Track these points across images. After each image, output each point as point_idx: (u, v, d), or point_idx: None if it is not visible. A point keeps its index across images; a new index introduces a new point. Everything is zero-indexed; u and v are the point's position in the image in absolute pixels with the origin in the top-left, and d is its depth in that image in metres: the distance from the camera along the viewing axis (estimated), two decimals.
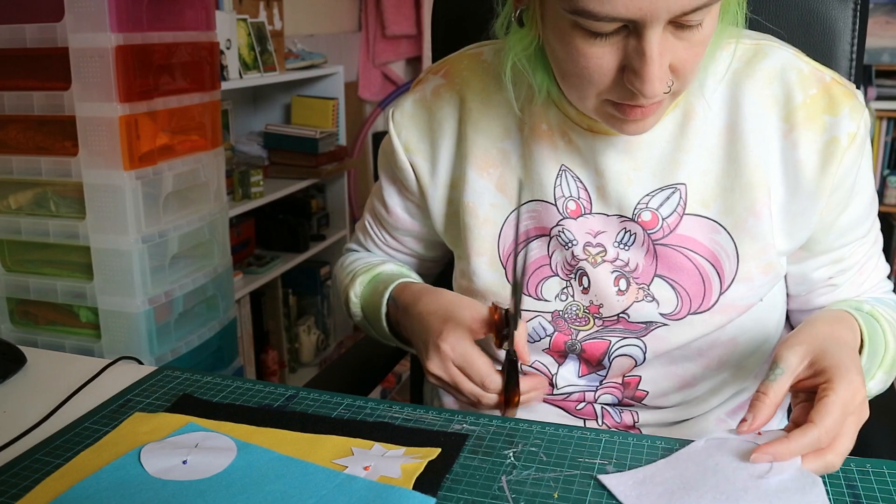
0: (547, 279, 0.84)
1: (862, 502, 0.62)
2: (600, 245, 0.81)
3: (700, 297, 0.79)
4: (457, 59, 0.90)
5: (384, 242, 1.01)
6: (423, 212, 0.94)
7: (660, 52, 0.64)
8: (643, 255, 0.80)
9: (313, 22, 3.00)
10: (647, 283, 0.80)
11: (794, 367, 0.66)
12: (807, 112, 0.76)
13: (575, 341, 0.84)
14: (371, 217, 1.02)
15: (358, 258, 1.03)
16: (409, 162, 0.90)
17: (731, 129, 0.77)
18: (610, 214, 0.80)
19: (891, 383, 0.82)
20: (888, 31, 3.03)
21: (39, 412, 0.78)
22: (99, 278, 1.43)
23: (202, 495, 0.63)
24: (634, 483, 0.64)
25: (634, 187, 0.79)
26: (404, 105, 0.91)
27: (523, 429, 0.73)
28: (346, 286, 0.97)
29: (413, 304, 0.84)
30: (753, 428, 0.65)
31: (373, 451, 0.69)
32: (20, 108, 1.40)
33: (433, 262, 1.04)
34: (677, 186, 0.78)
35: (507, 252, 0.85)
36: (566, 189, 0.81)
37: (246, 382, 0.83)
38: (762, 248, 0.78)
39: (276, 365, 2.57)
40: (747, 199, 0.77)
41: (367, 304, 0.95)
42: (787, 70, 0.77)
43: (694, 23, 0.64)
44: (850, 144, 0.75)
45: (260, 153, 2.58)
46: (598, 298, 0.82)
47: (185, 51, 1.48)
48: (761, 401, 0.65)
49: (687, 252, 0.79)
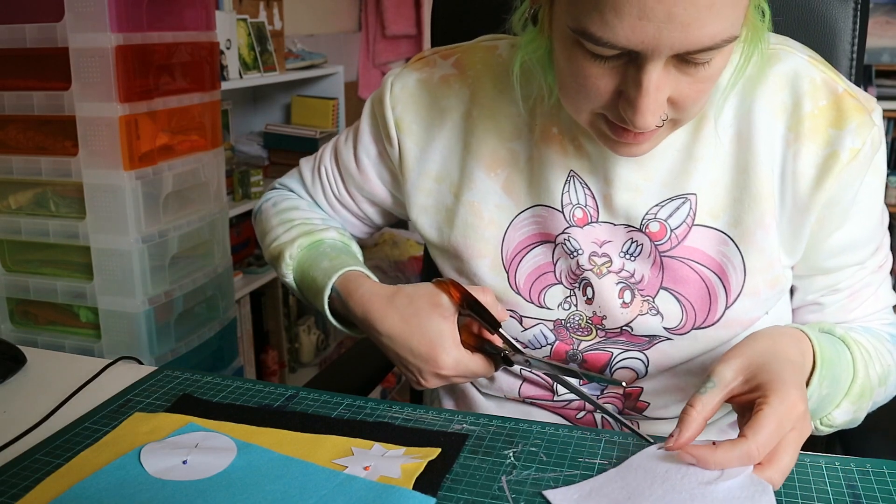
0: (550, 287, 0.82)
1: (862, 502, 0.62)
2: (606, 255, 0.79)
3: (705, 311, 0.78)
4: (471, 49, 0.87)
5: (337, 197, 0.97)
6: (396, 183, 0.91)
7: (657, 87, 0.62)
8: (649, 267, 0.78)
9: (313, 22, 3.00)
10: (653, 295, 0.78)
11: (726, 382, 0.64)
12: (812, 123, 0.73)
13: (576, 351, 0.83)
14: (332, 165, 0.96)
15: (296, 208, 0.96)
16: (398, 139, 0.87)
17: (741, 137, 0.75)
18: (617, 224, 0.79)
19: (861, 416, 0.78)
20: (888, 31, 3.04)
21: (39, 412, 0.78)
22: (99, 278, 1.43)
23: (202, 495, 0.63)
24: (580, 496, 0.62)
25: (643, 197, 0.77)
26: (407, 80, 0.87)
27: (523, 429, 0.73)
28: (280, 243, 0.91)
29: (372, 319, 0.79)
30: (680, 444, 0.62)
31: (373, 451, 0.69)
32: (20, 108, 1.40)
33: (375, 229, 1.01)
34: (687, 197, 0.76)
35: (511, 256, 0.83)
36: (574, 196, 0.79)
37: (246, 382, 0.83)
38: (769, 262, 0.76)
39: (276, 365, 2.57)
40: (756, 211, 0.75)
41: (302, 275, 0.89)
42: (799, 77, 0.74)
43: (701, 61, 0.62)
44: (850, 160, 0.72)
45: (260, 153, 2.58)
46: (602, 310, 0.80)
47: (185, 51, 1.48)
48: (689, 414, 0.63)
49: (694, 264, 0.77)
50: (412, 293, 0.78)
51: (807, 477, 0.65)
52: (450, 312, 0.76)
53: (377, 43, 3.34)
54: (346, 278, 0.84)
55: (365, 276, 0.84)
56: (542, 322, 0.83)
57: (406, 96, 0.87)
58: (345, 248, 0.92)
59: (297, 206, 0.97)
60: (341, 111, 2.74)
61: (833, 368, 0.72)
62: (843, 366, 0.73)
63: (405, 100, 0.87)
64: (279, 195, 1.00)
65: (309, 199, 1.00)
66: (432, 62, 0.87)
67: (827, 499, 0.62)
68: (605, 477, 0.65)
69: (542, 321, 0.83)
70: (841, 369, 0.73)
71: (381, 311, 0.78)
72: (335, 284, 0.84)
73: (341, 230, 0.95)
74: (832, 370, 0.71)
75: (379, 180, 0.93)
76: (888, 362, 0.79)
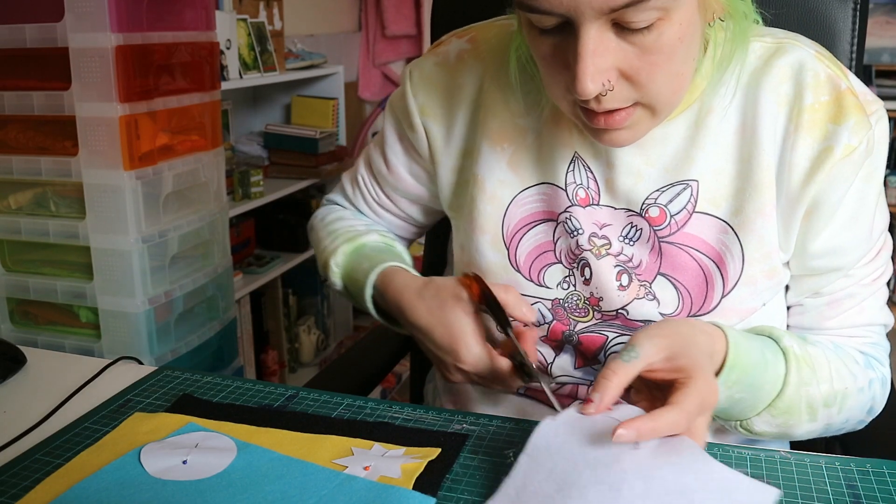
0: (550, 266, 0.82)
1: (862, 502, 0.62)
2: (605, 237, 0.80)
3: (701, 298, 0.78)
4: (485, 27, 0.87)
5: (376, 201, 0.98)
6: (430, 176, 0.91)
7: (594, 51, 0.62)
8: (647, 252, 0.79)
9: (313, 22, 3.00)
10: (650, 280, 0.79)
11: (649, 356, 0.64)
12: (812, 116, 0.74)
13: (572, 332, 0.83)
14: (367, 171, 0.98)
15: (340, 219, 0.98)
16: (423, 126, 0.88)
17: (745, 128, 0.76)
18: (618, 208, 0.79)
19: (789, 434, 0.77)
20: (888, 31, 3.04)
21: (39, 412, 0.78)
22: (99, 278, 1.43)
23: (202, 495, 0.63)
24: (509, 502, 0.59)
25: (644, 182, 0.78)
26: (424, 66, 0.88)
27: (523, 429, 0.73)
28: (327, 253, 0.94)
29: (403, 310, 0.81)
30: (601, 408, 0.62)
31: (373, 451, 0.69)
32: (20, 108, 1.39)
33: (421, 228, 1.02)
34: (689, 183, 0.77)
35: (512, 233, 0.83)
36: (577, 176, 0.80)
37: (246, 382, 0.83)
38: (767, 253, 0.76)
39: (276, 365, 2.57)
40: (757, 201, 0.75)
41: (348, 279, 0.92)
42: (803, 70, 0.75)
43: (637, 24, 0.62)
44: (843, 157, 0.72)
45: (260, 153, 2.58)
46: (599, 291, 0.81)
47: (185, 51, 1.48)
48: (609, 379, 0.62)
49: (692, 251, 0.78)
50: (440, 285, 0.80)
51: (807, 477, 0.65)
52: (470, 307, 0.77)
53: (377, 43, 3.34)
54: (384, 274, 0.86)
55: (402, 269, 0.86)
56: (540, 301, 0.83)
57: (426, 82, 0.88)
58: (387, 248, 0.93)
59: (341, 217, 0.99)
60: (341, 111, 2.74)
61: (751, 375, 0.71)
62: (768, 377, 0.73)
63: (425, 85, 0.88)
64: (326, 210, 1.03)
65: (353, 209, 1.02)
66: (447, 42, 0.89)
67: (827, 499, 0.62)
68: (523, 471, 0.61)
69: (541, 300, 0.83)
70: (764, 379, 0.72)
71: (411, 302, 0.80)
72: (375, 282, 0.86)
73: (384, 232, 0.97)
74: (749, 377, 0.71)
75: (411, 177, 0.93)
76: (846, 385, 0.77)
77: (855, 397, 0.78)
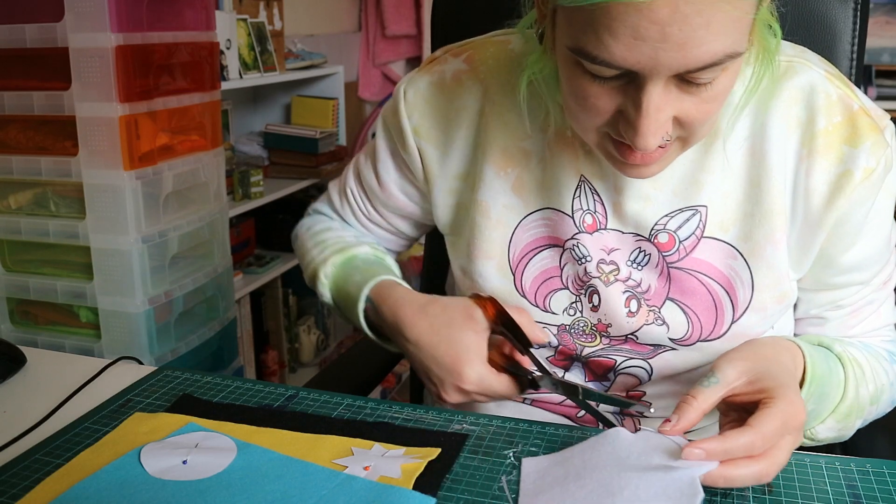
0: (556, 291, 0.81)
1: (862, 502, 0.62)
2: (613, 262, 0.78)
3: (711, 324, 0.77)
4: (482, 44, 0.85)
5: (366, 216, 0.97)
6: (422, 195, 0.90)
7: (658, 107, 0.61)
8: (656, 277, 0.78)
9: (313, 22, 2.99)
10: (659, 305, 0.78)
11: (730, 380, 0.63)
12: (826, 140, 0.72)
13: (579, 356, 0.83)
14: (356, 185, 0.96)
15: (328, 229, 0.97)
16: (418, 147, 0.86)
17: (754, 151, 0.75)
18: (625, 232, 0.78)
19: (847, 433, 0.78)
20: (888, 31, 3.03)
21: (39, 412, 0.78)
22: (99, 278, 1.43)
23: (202, 495, 0.63)
24: (549, 464, 0.65)
25: (653, 207, 0.76)
26: (419, 84, 0.86)
27: (523, 429, 0.73)
28: (316, 264, 0.92)
29: (402, 325, 0.79)
30: (677, 430, 0.62)
31: (373, 451, 0.69)
32: (20, 108, 1.39)
33: (411, 241, 1.01)
34: (698, 208, 0.76)
35: (518, 259, 0.82)
36: (584, 202, 0.79)
37: (246, 382, 0.83)
38: (777, 279, 0.76)
39: (276, 365, 2.57)
40: (766, 227, 0.74)
41: (338, 291, 0.90)
42: (814, 92, 0.73)
43: (702, 80, 0.61)
44: (863, 180, 0.72)
45: (260, 153, 2.58)
46: (608, 318, 0.80)
47: (185, 51, 1.48)
48: (689, 404, 0.62)
49: (701, 277, 0.77)
50: (448, 304, 0.79)
51: (807, 477, 0.65)
52: (482, 328, 0.76)
53: (377, 43, 3.34)
54: (379, 286, 0.84)
55: (398, 283, 0.84)
56: (546, 326, 0.82)
57: (421, 102, 0.85)
58: (378, 260, 0.92)
59: (329, 227, 0.97)
60: (341, 111, 2.74)
61: (822, 386, 0.71)
62: (833, 384, 0.73)
63: (421, 105, 0.85)
64: (312, 220, 1.01)
65: (340, 220, 1.00)
66: (443, 61, 0.86)
67: (827, 499, 0.62)
68: (572, 451, 0.67)
69: (547, 325, 0.82)
70: (831, 387, 0.73)
71: (412, 317, 0.79)
72: (369, 294, 0.84)
73: (374, 245, 0.95)
74: (821, 387, 0.71)
75: (403, 195, 0.92)
76: (882, 381, 0.79)
77: (888, 392, 0.80)
